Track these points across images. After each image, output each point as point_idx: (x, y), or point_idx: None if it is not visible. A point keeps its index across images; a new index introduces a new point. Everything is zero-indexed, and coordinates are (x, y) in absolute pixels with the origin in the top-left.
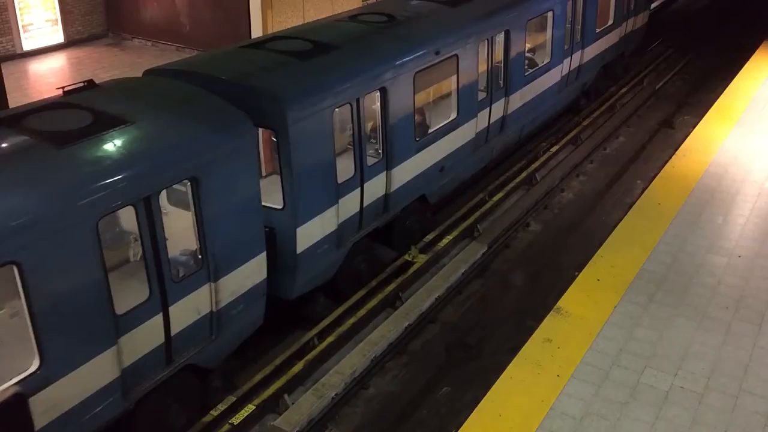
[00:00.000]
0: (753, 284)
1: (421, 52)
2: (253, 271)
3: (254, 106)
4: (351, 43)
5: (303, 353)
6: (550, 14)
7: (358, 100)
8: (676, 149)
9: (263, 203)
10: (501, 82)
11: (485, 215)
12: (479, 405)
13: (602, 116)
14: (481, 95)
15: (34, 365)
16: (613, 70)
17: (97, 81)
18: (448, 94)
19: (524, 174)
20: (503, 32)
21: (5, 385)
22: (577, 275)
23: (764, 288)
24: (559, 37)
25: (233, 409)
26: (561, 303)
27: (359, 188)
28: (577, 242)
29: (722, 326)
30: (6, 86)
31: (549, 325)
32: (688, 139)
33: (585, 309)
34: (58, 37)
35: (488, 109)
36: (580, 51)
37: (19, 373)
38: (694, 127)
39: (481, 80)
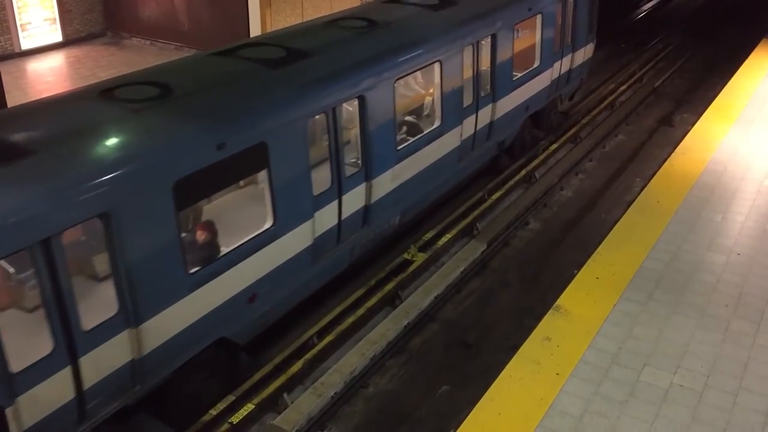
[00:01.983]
0: (752, 282)
1: (186, 150)
2: None
3: None
4: (53, 147)
5: (302, 352)
6: (436, 67)
7: (47, 243)
8: (675, 147)
9: None
10: (359, 162)
11: (484, 213)
12: (478, 403)
13: (601, 114)
14: (322, 186)
15: None
16: (547, 119)
17: (95, 80)
18: (257, 196)
19: (523, 172)
20: (356, 99)
21: None
22: (576, 273)
23: (763, 286)
24: (453, 94)
25: (232, 408)
26: (560, 301)
27: (69, 367)
28: (576, 240)
29: (721, 324)
30: (4, 86)
31: (548, 323)
32: (687, 136)
33: (584, 307)
34: (57, 36)
35: (336, 202)
36: (490, 105)
37: None
38: (693, 124)
39: (319, 168)
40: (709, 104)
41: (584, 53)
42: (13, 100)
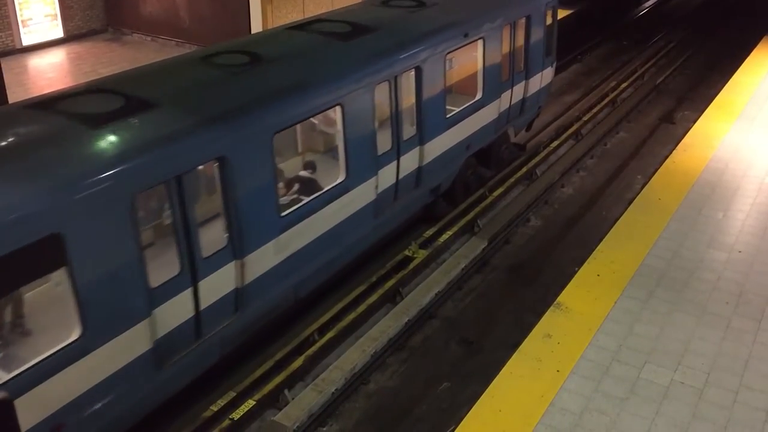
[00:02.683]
0: (753, 279)
1: None
2: None
3: None
4: None
5: (303, 348)
6: (337, 111)
7: None
8: (677, 144)
9: None
10: (224, 237)
11: (485, 211)
12: (479, 400)
13: (602, 111)
14: (165, 274)
15: None
16: (497, 154)
17: (96, 77)
18: (56, 300)
19: (524, 169)
20: (214, 161)
21: None
22: (577, 271)
23: (764, 283)
24: (362, 140)
25: (233, 404)
26: (561, 298)
27: None
28: (577, 238)
29: (722, 322)
30: (5, 81)
31: (549, 320)
32: (688, 134)
33: (585, 304)
34: (58, 32)
35: (190, 291)
36: (416, 149)
37: None
38: (694, 122)
39: (160, 252)
40: (711, 102)
41: (541, 79)
42: (14, 96)
